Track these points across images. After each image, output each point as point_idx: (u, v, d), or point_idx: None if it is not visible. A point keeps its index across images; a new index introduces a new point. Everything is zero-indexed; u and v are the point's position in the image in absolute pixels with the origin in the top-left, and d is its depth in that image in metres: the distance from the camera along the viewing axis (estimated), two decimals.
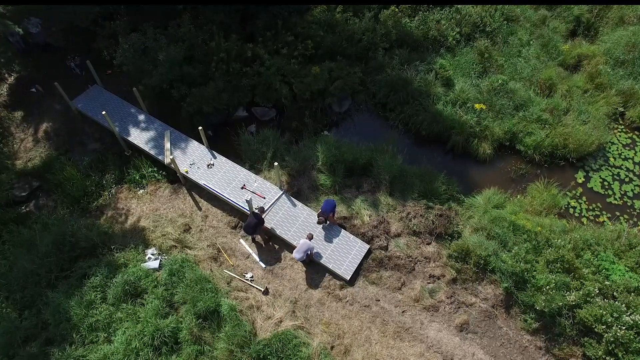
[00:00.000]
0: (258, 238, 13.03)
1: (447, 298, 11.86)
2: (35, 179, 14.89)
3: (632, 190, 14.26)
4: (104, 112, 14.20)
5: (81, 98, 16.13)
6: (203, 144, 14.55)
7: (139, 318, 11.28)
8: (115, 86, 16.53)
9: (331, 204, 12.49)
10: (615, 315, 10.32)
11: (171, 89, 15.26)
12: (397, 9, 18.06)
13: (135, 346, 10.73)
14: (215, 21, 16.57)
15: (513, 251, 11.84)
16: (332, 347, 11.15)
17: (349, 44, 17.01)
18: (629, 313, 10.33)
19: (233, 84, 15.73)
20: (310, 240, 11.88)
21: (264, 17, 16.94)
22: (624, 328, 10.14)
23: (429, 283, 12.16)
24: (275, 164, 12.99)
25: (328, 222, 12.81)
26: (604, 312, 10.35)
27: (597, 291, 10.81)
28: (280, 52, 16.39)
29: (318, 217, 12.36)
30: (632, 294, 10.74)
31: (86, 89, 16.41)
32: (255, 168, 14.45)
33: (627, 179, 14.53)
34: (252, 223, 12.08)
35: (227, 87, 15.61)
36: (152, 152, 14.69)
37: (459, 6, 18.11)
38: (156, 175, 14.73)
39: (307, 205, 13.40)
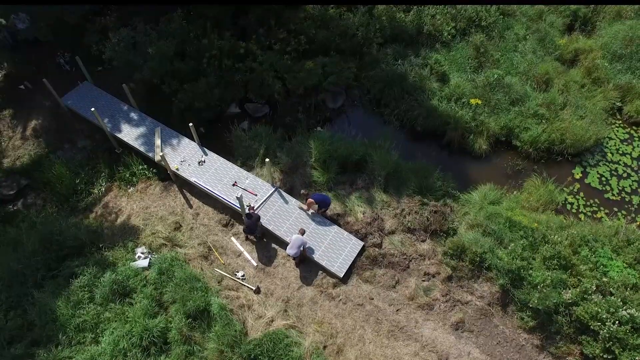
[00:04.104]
0: (251, 237, 12.81)
1: (442, 296, 11.62)
2: (24, 177, 14.60)
3: (630, 185, 14.04)
4: (93, 109, 13.95)
5: (71, 95, 15.86)
6: (194, 141, 14.30)
7: (128, 318, 11.02)
8: (105, 83, 16.24)
9: (322, 197, 12.42)
10: (611, 310, 10.10)
11: (162, 84, 15.00)
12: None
13: (123, 347, 10.46)
14: (207, 16, 16.29)
15: (509, 248, 11.62)
16: (324, 347, 10.90)
17: (342, 39, 16.74)
18: (624, 308, 10.12)
19: (225, 79, 15.47)
20: (302, 235, 11.65)
21: (257, 12, 16.69)
22: (618, 323, 9.93)
23: (423, 281, 11.92)
24: (267, 160, 12.74)
25: (311, 210, 12.72)
26: (600, 309, 10.14)
27: (595, 288, 10.59)
28: (273, 47, 16.14)
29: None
30: (630, 290, 10.52)
31: (76, 86, 16.14)
32: (247, 165, 14.20)
33: (625, 175, 14.31)
34: (249, 223, 12.00)
35: (220, 82, 15.37)
36: (142, 149, 14.42)
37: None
38: (147, 172, 14.47)
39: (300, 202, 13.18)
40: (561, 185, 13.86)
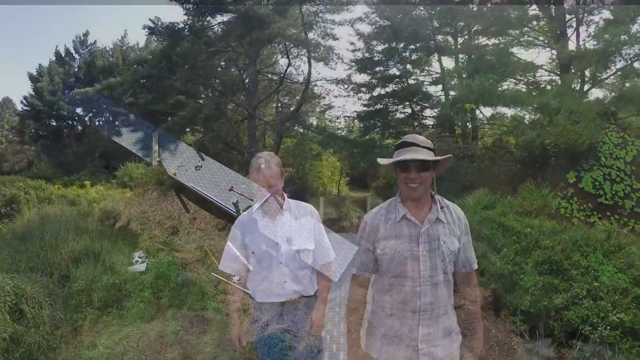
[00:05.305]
0: None
1: (436, 300, 11.72)
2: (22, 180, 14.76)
3: (622, 190, 14.17)
4: (91, 114, 14.09)
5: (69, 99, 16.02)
6: (191, 145, 14.46)
7: (124, 322, 11.17)
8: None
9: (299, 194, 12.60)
10: (601, 315, 10.22)
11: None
12: None
13: (120, 351, 10.60)
14: None
15: (502, 253, 11.75)
16: (319, 351, 11.00)
17: None
18: (614, 312, 10.24)
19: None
20: None
21: None
22: (609, 328, 10.05)
23: (417, 286, 12.02)
24: (263, 165, 12.88)
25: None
26: (590, 313, 10.26)
27: (585, 292, 10.71)
28: None
29: None
30: (619, 294, 10.63)
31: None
32: (243, 170, 14.35)
33: (618, 179, 14.43)
34: None
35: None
36: (140, 154, 14.58)
37: (449, 5, 17.99)
38: (144, 177, 14.64)
39: None
40: (555, 190, 14.00)
